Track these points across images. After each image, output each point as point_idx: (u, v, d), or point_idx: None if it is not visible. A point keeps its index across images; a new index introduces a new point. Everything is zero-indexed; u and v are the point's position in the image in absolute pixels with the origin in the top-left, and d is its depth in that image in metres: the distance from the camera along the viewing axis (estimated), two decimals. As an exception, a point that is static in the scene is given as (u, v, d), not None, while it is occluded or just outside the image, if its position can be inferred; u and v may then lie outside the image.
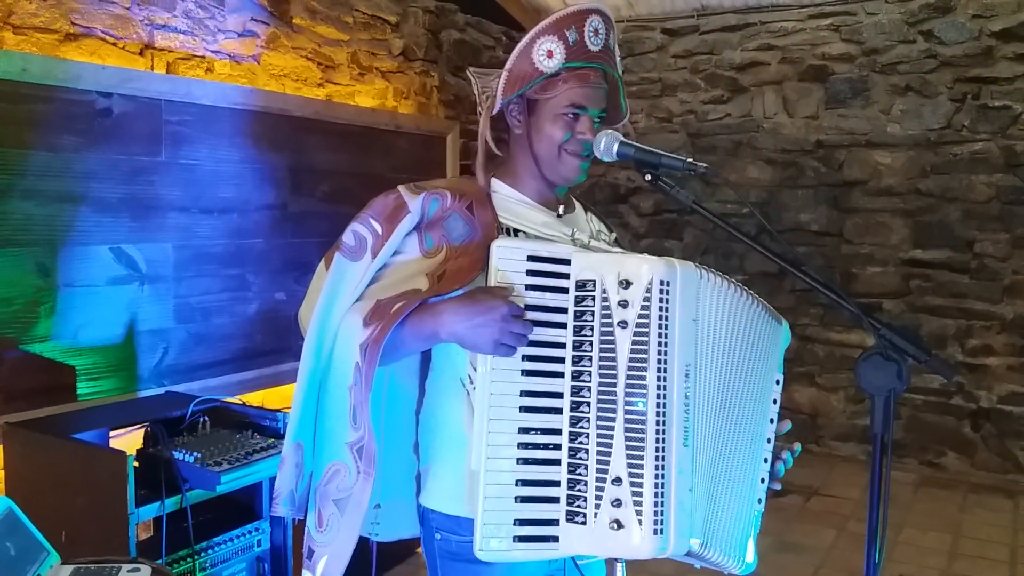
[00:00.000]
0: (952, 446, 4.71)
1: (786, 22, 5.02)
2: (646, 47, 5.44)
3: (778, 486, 1.48)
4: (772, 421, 1.47)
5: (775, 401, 1.47)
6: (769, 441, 1.46)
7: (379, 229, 1.39)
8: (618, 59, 1.51)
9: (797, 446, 1.54)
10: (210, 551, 2.44)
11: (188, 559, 2.36)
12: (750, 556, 1.42)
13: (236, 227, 3.36)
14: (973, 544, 3.75)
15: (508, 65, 1.43)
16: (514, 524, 1.25)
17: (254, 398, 3.39)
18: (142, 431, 2.67)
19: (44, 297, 2.71)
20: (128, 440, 2.67)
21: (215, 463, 2.32)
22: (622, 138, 1.43)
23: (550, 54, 1.40)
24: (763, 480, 1.45)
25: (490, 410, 1.26)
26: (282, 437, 2.54)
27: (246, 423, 2.63)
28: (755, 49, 5.12)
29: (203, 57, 3.36)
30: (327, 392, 1.37)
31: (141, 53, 3.15)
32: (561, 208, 1.51)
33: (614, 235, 1.63)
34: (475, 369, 1.34)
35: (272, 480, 2.59)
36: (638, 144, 1.43)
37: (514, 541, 1.25)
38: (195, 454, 2.35)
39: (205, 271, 3.23)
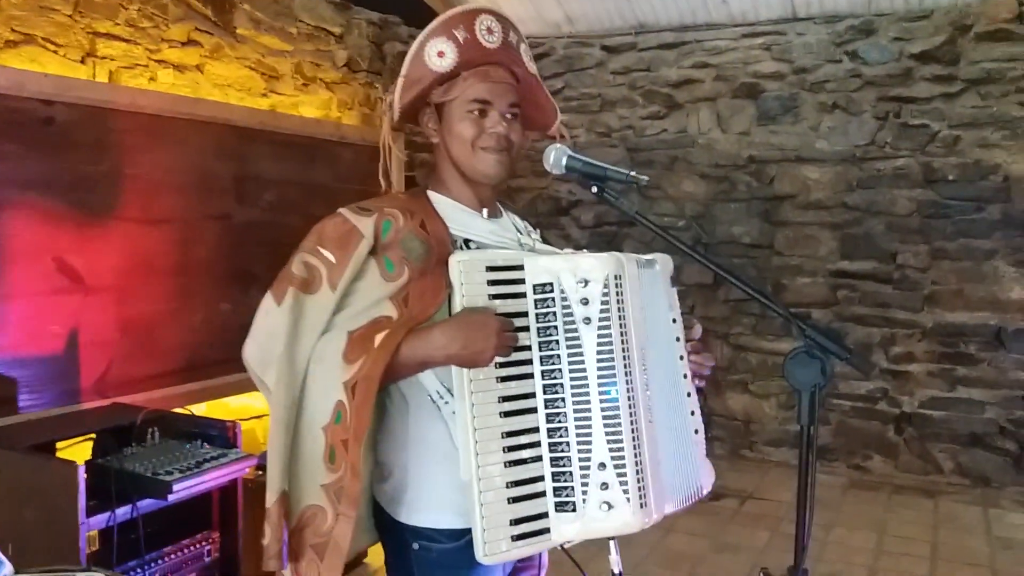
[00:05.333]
0: (877, 449, 4.93)
1: (720, 41, 5.21)
2: (586, 63, 5.57)
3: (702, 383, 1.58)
4: (682, 358, 1.54)
5: (678, 339, 1.54)
6: (686, 377, 1.54)
7: (332, 258, 1.36)
8: (526, 57, 1.52)
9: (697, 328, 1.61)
10: (160, 561, 2.43)
11: (138, 569, 2.35)
12: (707, 479, 1.55)
13: (181, 237, 3.35)
14: (897, 542, 3.93)
15: (403, 71, 1.45)
16: (510, 524, 1.30)
17: (198, 410, 3.37)
18: (87, 444, 2.66)
19: (-16, 307, 2.68)
20: (72, 453, 2.64)
21: (166, 472, 2.32)
22: (570, 152, 1.49)
23: (441, 54, 1.43)
24: (692, 412, 1.54)
25: (474, 420, 1.30)
26: (232, 447, 2.58)
27: (195, 433, 2.63)
28: (690, 67, 5.29)
29: (146, 66, 3.36)
30: (298, 433, 1.34)
31: (83, 61, 3.14)
32: (485, 211, 1.53)
33: (539, 231, 1.67)
34: (444, 386, 1.38)
35: (222, 489, 2.61)
36: (585, 158, 1.50)
37: (512, 540, 1.30)
38: (146, 464, 2.35)
39: (150, 281, 3.21)
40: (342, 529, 1.31)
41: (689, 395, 1.54)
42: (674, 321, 1.54)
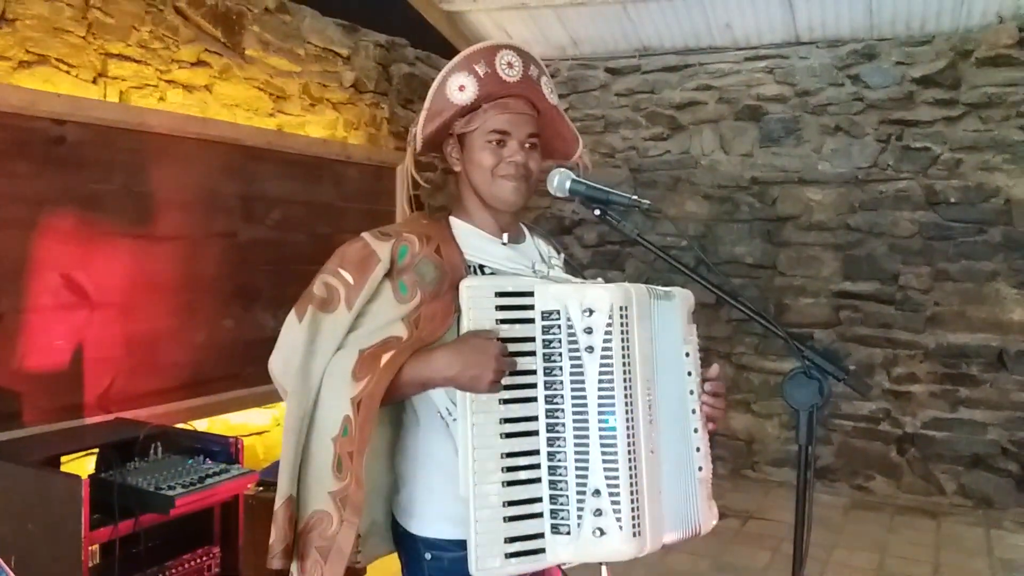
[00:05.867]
0: (880, 470, 4.93)
1: (723, 64, 5.26)
2: (590, 85, 5.63)
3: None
4: (692, 392, 1.55)
5: (690, 373, 1.55)
6: (694, 412, 1.55)
7: (350, 279, 1.44)
8: (547, 90, 1.58)
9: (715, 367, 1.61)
10: (161, 575, 2.45)
11: (139, 584, 2.37)
12: (708, 519, 1.53)
13: (187, 254, 3.38)
14: (899, 563, 3.92)
15: (426, 104, 1.53)
16: (505, 542, 1.34)
17: (200, 426, 3.39)
18: (89, 458, 2.68)
19: (-8, 322, 2.71)
20: (75, 467, 2.67)
21: (169, 487, 2.34)
22: (573, 176, 1.55)
23: (462, 88, 1.50)
24: (698, 449, 1.54)
25: (474, 439, 1.35)
26: (235, 462, 2.60)
27: (198, 449, 2.66)
28: (693, 89, 5.35)
29: (156, 86, 3.40)
30: (310, 442, 1.41)
31: (94, 81, 3.18)
32: (505, 236, 1.57)
33: (562, 255, 1.72)
34: (453, 403, 1.42)
35: (223, 505, 2.63)
36: (588, 182, 1.54)
37: (506, 558, 1.33)
38: (148, 478, 2.37)
39: (155, 298, 3.24)
40: (345, 534, 1.37)
41: (696, 431, 1.54)
42: (687, 355, 1.55)
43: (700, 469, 1.54)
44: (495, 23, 5.21)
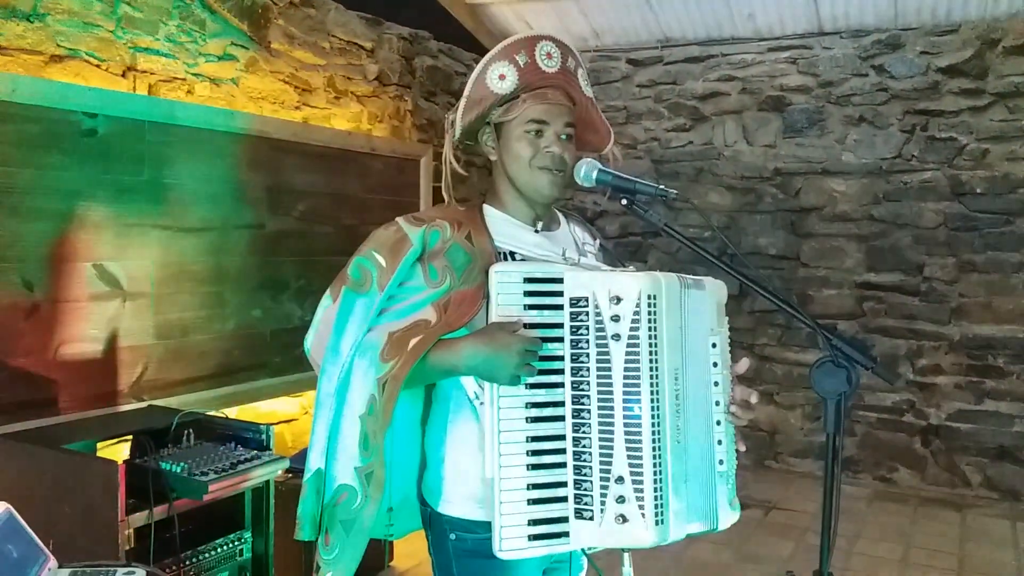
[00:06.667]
0: (904, 462, 4.91)
1: (746, 54, 5.24)
2: (612, 76, 5.62)
3: (742, 446, 1.57)
4: (716, 384, 1.53)
5: (715, 364, 1.54)
6: (717, 404, 1.53)
7: (383, 262, 1.46)
8: (583, 82, 1.61)
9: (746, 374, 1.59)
10: (194, 559, 2.50)
11: (174, 567, 2.41)
12: (727, 514, 1.52)
13: (215, 246, 3.43)
14: (923, 555, 3.91)
15: (466, 92, 1.55)
16: (528, 524, 1.35)
17: (229, 414, 3.44)
18: (122, 445, 2.73)
19: (28, 312, 2.76)
20: (109, 453, 2.72)
21: (202, 473, 2.39)
22: (600, 166, 1.55)
23: (502, 77, 1.52)
24: (720, 442, 1.53)
25: (500, 423, 1.36)
26: (266, 449, 2.64)
27: (229, 436, 2.70)
28: (716, 80, 5.33)
29: (184, 80, 3.45)
30: (340, 419, 1.44)
31: (124, 75, 3.23)
32: (539, 224, 1.60)
33: (598, 241, 1.72)
34: (480, 386, 1.44)
35: (254, 491, 2.68)
36: (615, 171, 1.56)
37: (529, 539, 1.35)
38: (182, 464, 2.42)
39: (184, 288, 3.30)
40: (369, 510, 1.41)
41: (719, 424, 1.53)
42: (714, 346, 1.54)
43: (721, 463, 1.53)
44: (517, 15, 5.22)
